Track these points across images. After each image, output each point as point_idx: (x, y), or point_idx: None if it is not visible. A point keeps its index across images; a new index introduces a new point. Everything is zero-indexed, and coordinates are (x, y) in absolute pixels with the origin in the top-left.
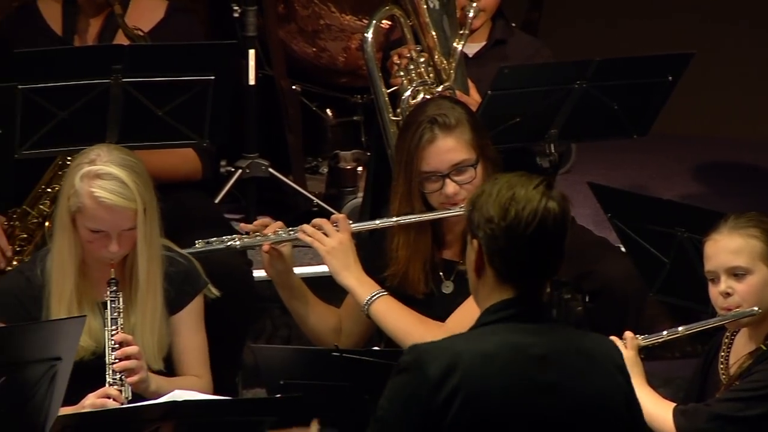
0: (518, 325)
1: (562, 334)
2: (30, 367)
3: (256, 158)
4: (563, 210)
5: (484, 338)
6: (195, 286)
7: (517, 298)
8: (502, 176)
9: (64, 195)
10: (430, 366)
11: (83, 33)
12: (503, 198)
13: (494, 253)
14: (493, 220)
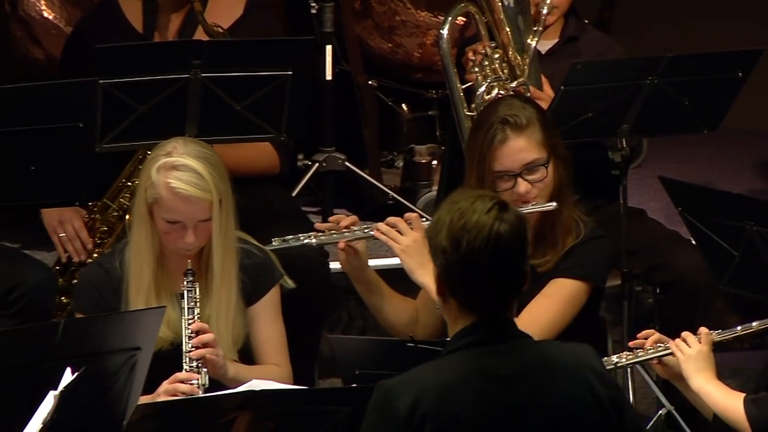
0: (483, 349)
1: (527, 351)
2: (110, 357)
3: (333, 152)
4: (517, 231)
5: (449, 367)
6: (271, 277)
7: (480, 323)
8: (456, 200)
9: (141, 187)
10: (396, 401)
11: (163, 29)
12: (455, 228)
13: (452, 283)
14: (446, 251)
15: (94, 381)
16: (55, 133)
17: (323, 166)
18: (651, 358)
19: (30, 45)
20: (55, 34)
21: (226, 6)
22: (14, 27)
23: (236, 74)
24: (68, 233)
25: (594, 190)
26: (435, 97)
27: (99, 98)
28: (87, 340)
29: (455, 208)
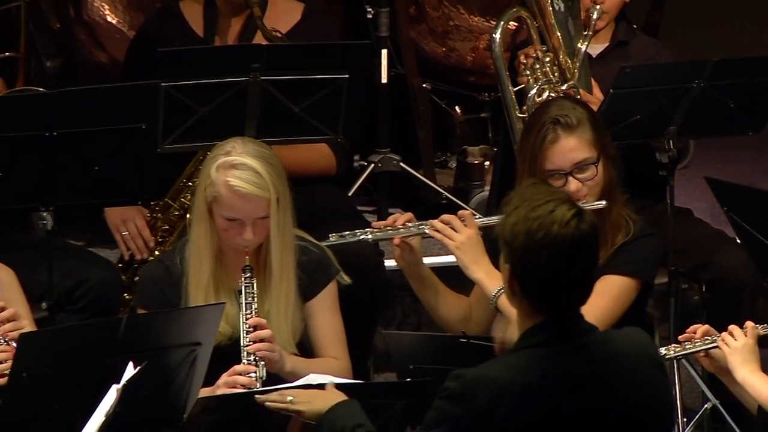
0: (557, 347)
1: (598, 348)
2: (171, 352)
3: (388, 153)
4: (592, 238)
5: (526, 366)
6: (327, 273)
7: (550, 322)
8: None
9: (201, 185)
10: (477, 397)
11: (223, 34)
12: (534, 239)
13: (527, 287)
14: (524, 260)
15: (156, 375)
16: (119, 135)
17: (379, 167)
18: (698, 350)
19: (94, 49)
20: (119, 38)
21: (285, 11)
22: (79, 31)
23: (294, 77)
24: (131, 232)
25: (642, 191)
26: (487, 100)
27: (161, 100)
28: (149, 336)
29: (533, 216)
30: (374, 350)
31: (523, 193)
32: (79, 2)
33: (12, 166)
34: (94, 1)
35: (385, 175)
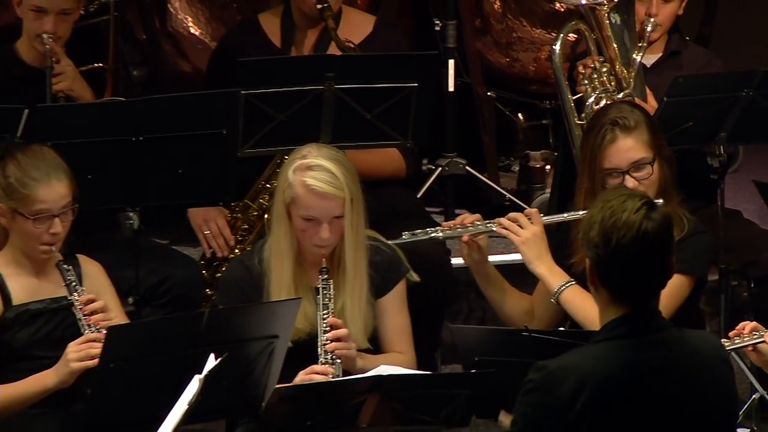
0: (636, 340)
1: (676, 343)
2: (250, 344)
3: (455, 157)
4: (663, 228)
5: (606, 357)
6: (398, 272)
7: (631, 314)
8: (608, 198)
9: (279, 188)
10: (560, 387)
11: (299, 45)
12: (606, 225)
13: (603, 274)
14: (598, 246)
15: (236, 366)
16: (201, 139)
17: (446, 170)
18: (745, 345)
19: (178, 59)
20: (201, 48)
21: (357, 23)
22: (164, 42)
23: (367, 86)
24: (212, 231)
25: (694, 193)
26: (548, 107)
27: (241, 107)
28: (229, 329)
29: (607, 207)
30: (441, 343)
31: (603, 194)
32: (164, 15)
33: (101, 169)
34: (178, 14)
35: (451, 178)
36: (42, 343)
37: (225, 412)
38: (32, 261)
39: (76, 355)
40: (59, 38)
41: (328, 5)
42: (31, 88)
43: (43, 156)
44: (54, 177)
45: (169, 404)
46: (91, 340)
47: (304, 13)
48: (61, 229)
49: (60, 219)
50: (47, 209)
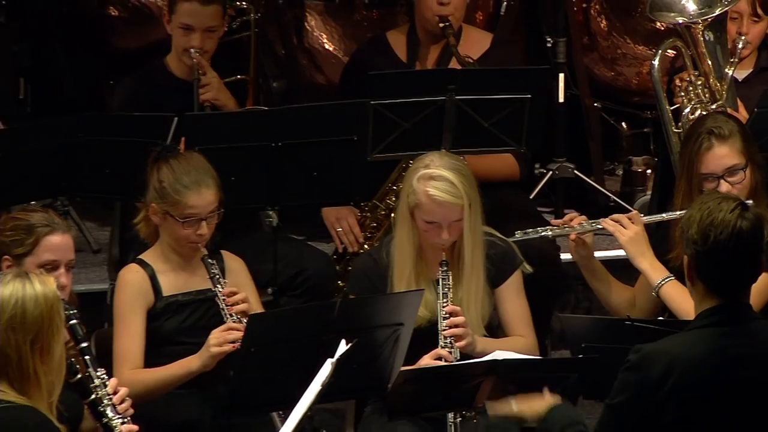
0: (724, 329)
1: (762, 333)
2: (378, 330)
3: (564, 162)
4: (756, 227)
5: (695, 342)
6: (512, 264)
7: (722, 306)
8: (706, 200)
9: (404, 193)
10: (651, 368)
11: (423, 59)
12: (704, 224)
13: (700, 269)
14: (696, 242)
15: (364, 351)
16: (334, 145)
17: (556, 174)
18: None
19: (314, 72)
20: (335, 62)
21: (476, 40)
22: (301, 57)
23: (484, 97)
24: (344, 228)
25: None
26: (649, 117)
27: (370, 116)
28: (359, 317)
29: (705, 207)
30: (551, 331)
31: (700, 197)
32: (302, 32)
33: (244, 171)
34: (314, 31)
35: (561, 181)
36: (188, 330)
37: (355, 392)
38: (180, 256)
39: (217, 341)
40: (205, 53)
41: (450, 24)
42: (180, 98)
43: (194, 163)
44: (203, 185)
45: (303, 385)
46: (232, 328)
47: (428, 31)
48: (207, 231)
49: (206, 222)
50: (196, 214)
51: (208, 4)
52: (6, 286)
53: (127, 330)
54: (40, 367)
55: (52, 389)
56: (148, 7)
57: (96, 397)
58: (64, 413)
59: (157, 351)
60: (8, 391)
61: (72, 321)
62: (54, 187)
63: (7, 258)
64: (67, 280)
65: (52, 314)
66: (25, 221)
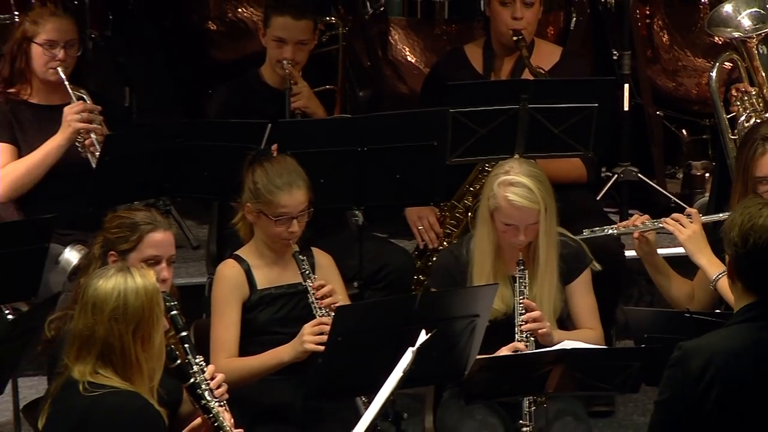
0: (760, 324)
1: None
2: (455, 321)
3: (629, 166)
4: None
5: (734, 336)
6: (583, 262)
7: (759, 302)
8: (748, 205)
9: (484, 196)
10: (691, 363)
11: (498, 71)
12: (745, 228)
13: (740, 269)
14: (737, 245)
15: (443, 340)
16: (416, 150)
17: (621, 177)
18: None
19: (397, 82)
20: (416, 73)
21: (547, 53)
22: (385, 68)
23: (555, 105)
24: (425, 226)
25: None
26: (708, 125)
27: (449, 123)
28: (438, 309)
29: (746, 212)
30: (616, 322)
31: (744, 201)
32: (386, 45)
33: (332, 174)
34: (397, 44)
35: (626, 184)
36: (280, 321)
37: (434, 379)
38: (274, 252)
39: (311, 338)
40: (297, 64)
41: (523, 37)
42: (273, 106)
43: (286, 166)
44: (295, 186)
45: (386, 372)
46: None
47: (502, 44)
48: (298, 229)
49: (297, 220)
50: (287, 213)
51: (300, 19)
52: (109, 280)
53: (224, 321)
54: (141, 354)
55: (152, 375)
56: (244, 21)
57: (194, 381)
58: (164, 397)
59: (252, 340)
60: (112, 377)
61: (172, 311)
62: (157, 188)
63: (112, 253)
64: (169, 274)
65: (152, 305)
66: (129, 219)
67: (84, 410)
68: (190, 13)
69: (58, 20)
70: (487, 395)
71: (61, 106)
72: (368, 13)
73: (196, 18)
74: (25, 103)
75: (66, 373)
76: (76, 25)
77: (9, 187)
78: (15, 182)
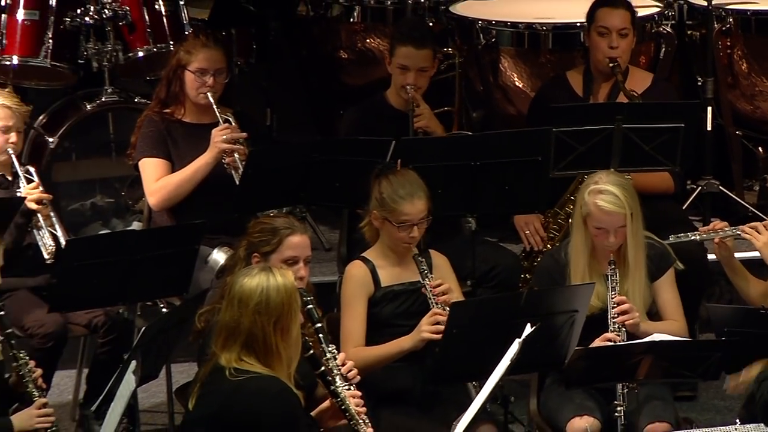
0: None
1: None
2: (557, 316)
3: (711, 179)
4: None
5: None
6: (668, 262)
7: None
8: None
9: (578, 204)
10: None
11: (596, 94)
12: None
13: None
14: None
15: (546, 333)
16: (523, 164)
17: (704, 189)
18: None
19: (506, 105)
20: (523, 97)
21: (640, 79)
22: (496, 92)
23: (646, 125)
24: (531, 231)
25: None
26: None
27: (552, 140)
28: (541, 305)
29: None
30: (700, 318)
31: None
32: (496, 72)
33: (448, 185)
34: (506, 71)
35: (708, 195)
36: (402, 315)
37: (537, 367)
38: (396, 254)
39: (428, 329)
40: (419, 88)
41: (618, 65)
42: (397, 125)
43: (409, 178)
44: (416, 196)
45: (495, 360)
46: (437, 314)
47: (600, 71)
48: (418, 234)
49: (418, 227)
50: (409, 220)
51: (421, 49)
52: (253, 278)
53: (352, 314)
54: (281, 343)
55: (290, 362)
56: (372, 51)
57: (325, 368)
58: (300, 381)
59: (376, 332)
60: (255, 363)
61: (309, 306)
62: (294, 198)
63: (256, 255)
64: (305, 272)
65: (290, 301)
66: (270, 225)
67: (230, 393)
68: (324, 44)
69: (209, 51)
70: (585, 381)
71: (209, 125)
72: (481, 43)
73: (330, 48)
74: (179, 122)
75: (213, 360)
76: (225, 54)
77: (163, 197)
78: (169, 194)
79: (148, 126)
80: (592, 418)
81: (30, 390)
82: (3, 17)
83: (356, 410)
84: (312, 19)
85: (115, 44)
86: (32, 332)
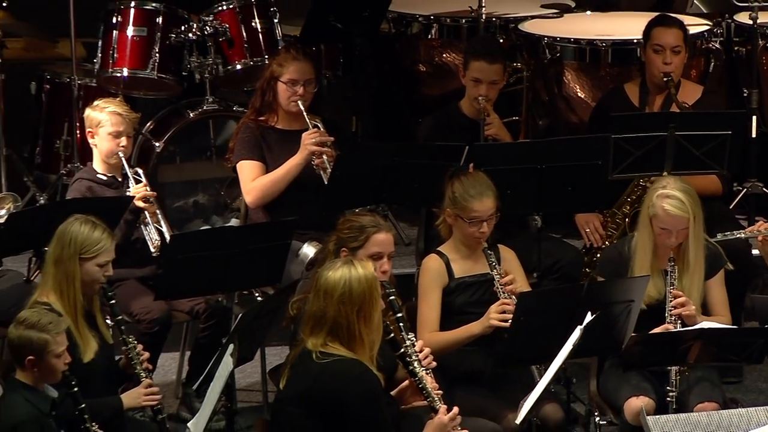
0: None
1: None
2: (616, 305)
3: (756, 182)
4: None
5: None
6: (719, 262)
7: None
8: None
9: (645, 205)
10: None
11: (651, 104)
12: None
13: None
14: None
15: (605, 320)
16: (584, 168)
17: (749, 190)
18: None
19: (569, 114)
20: (585, 107)
21: (691, 91)
22: (560, 102)
23: (697, 133)
24: (591, 229)
25: None
26: None
27: (611, 146)
28: (601, 295)
29: None
30: (744, 307)
31: None
32: (561, 84)
33: (516, 186)
34: (569, 83)
35: (753, 196)
36: (473, 304)
37: (597, 351)
38: (468, 248)
39: (496, 316)
40: (490, 99)
41: (671, 78)
42: (470, 133)
43: (479, 179)
44: (485, 195)
45: (559, 345)
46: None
47: (654, 83)
48: (488, 230)
49: (487, 223)
50: (479, 217)
51: (493, 63)
52: (337, 271)
53: (428, 303)
54: (363, 329)
55: (372, 346)
56: (447, 64)
57: (404, 351)
58: (381, 363)
59: (450, 319)
60: (340, 348)
61: (391, 297)
62: (377, 197)
63: (344, 250)
64: (389, 267)
65: (371, 290)
66: (358, 223)
67: (317, 374)
68: (404, 58)
69: (300, 63)
70: (641, 365)
71: (300, 131)
72: (547, 58)
73: (409, 62)
74: (272, 128)
75: (302, 344)
76: (313, 67)
77: (258, 195)
78: (263, 192)
79: (244, 132)
80: (647, 398)
81: (138, 371)
82: (114, 33)
83: (432, 389)
84: (394, 35)
85: (215, 58)
86: (140, 318)
